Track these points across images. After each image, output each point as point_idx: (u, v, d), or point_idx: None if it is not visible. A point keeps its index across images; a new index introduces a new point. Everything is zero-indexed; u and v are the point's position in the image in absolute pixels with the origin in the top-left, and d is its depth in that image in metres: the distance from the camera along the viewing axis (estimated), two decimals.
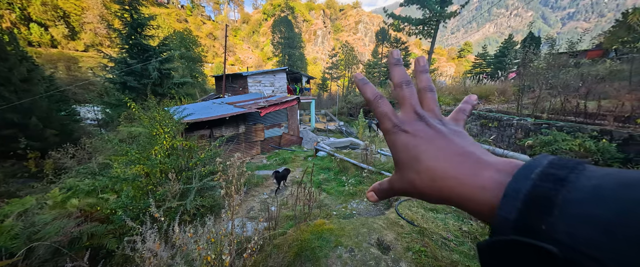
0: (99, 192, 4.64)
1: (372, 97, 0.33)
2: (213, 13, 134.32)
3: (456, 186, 0.25)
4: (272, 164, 8.42)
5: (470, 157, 0.27)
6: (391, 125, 0.31)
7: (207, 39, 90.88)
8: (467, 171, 0.25)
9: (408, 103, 0.32)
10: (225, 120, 8.59)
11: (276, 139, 10.98)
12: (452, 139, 0.29)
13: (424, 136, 0.29)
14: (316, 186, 5.97)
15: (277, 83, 15.49)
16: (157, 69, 12.67)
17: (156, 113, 4.09)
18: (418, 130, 0.30)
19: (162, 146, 4.00)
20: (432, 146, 0.28)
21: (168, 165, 4.10)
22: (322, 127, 18.14)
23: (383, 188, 0.34)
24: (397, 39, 38.02)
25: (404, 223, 3.33)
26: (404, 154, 0.30)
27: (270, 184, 6.24)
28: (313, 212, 4.42)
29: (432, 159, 0.27)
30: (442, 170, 0.26)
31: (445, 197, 0.26)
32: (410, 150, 0.29)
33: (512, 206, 0.20)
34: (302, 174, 4.44)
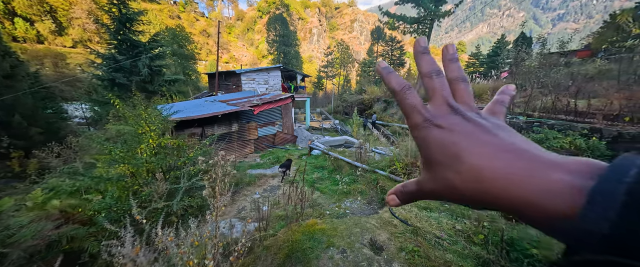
0: (82, 192, 4.44)
1: (398, 87, 0.29)
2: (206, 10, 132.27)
3: (509, 188, 0.22)
4: (265, 163, 8.29)
5: (524, 155, 0.23)
6: (421, 119, 0.27)
7: (200, 36, 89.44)
8: (522, 171, 0.22)
9: (439, 95, 0.29)
10: (218, 119, 8.40)
11: (270, 137, 10.84)
12: (497, 134, 0.25)
13: (463, 131, 0.26)
14: (310, 184, 5.89)
15: (271, 81, 15.29)
16: (147, 65, 12.32)
17: (142, 110, 3.93)
18: (454, 124, 0.26)
19: (148, 145, 3.85)
20: (474, 141, 0.25)
21: (155, 164, 3.95)
22: (317, 125, 18.04)
23: (408, 191, 0.30)
24: (392, 38, 38.20)
25: (398, 222, 3.29)
26: (438, 152, 0.26)
27: (263, 183, 6.13)
28: (306, 211, 4.34)
29: (477, 156, 0.24)
30: (491, 169, 0.23)
31: (493, 201, 0.23)
32: (447, 147, 0.25)
33: (602, 215, 0.17)
34: (295, 173, 4.35)
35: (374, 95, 23.44)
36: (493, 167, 0.23)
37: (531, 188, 0.21)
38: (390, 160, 5.17)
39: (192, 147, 4.66)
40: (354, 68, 56.57)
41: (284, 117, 11.30)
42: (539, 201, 0.20)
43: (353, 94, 28.74)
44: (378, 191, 4.88)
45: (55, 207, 3.87)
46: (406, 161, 4.64)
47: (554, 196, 0.20)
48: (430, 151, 0.27)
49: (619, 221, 0.16)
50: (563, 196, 0.19)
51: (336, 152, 7.44)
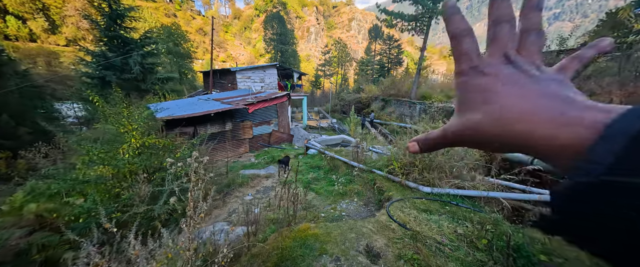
0: (63, 195, 4.18)
1: (456, 30, 0.27)
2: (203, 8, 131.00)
3: (533, 125, 0.22)
4: (260, 163, 8.06)
5: (560, 97, 0.23)
6: (468, 66, 0.26)
7: (197, 35, 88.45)
8: (551, 110, 0.22)
9: (500, 44, 0.26)
10: (210, 118, 8.15)
11: (265, 136, 10.59)
12: (546, 84, 0.24)
13: (508, 79, 0.25)
14: (305, 185, 5.67)
15: (267, 79, 15.02)
16: (139, 63, 11.99)
17: (123, 108, 3.69)
18: (502, 72, 0.25)
19: (130, 145, 3.61)
20: (513, 86, 0.24)
21: (138, 165, 3.71)
22: (315, 124, 17.83)
23: (432, 137, 0.29)
24: (390, 36, 38.02)
25: (396, 226, 3.08)
26: (474, 95, 0.26)
27: (256, 184, 5.91)
28: (299, 214, 4.13)
29: (510, 97, 0.24)
30: (519, 109, 0.23)
31: (513, 139, 0.23)
32: (483, 90, 0.25)
33: (613, 143, 0.18)
34: (288, 173, 4.13)
35: (371, 94, 23.34)
36: (523, 108, 0.22)
37: (555, 123, 0.21)
38: (388, 159, 4.97)
39: (179, 146, 4.42)
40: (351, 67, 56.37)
41: (279, 115, 11.05)
42: (558, 134, 0.20)
43: (351, 92, 28.62)
44: (375, 192, 4.68)
45: (32, 211, 3.62)
46: (404, 161, 4.44)
47: (573, 129, 0.20)
48: (466, 95, 0.26)
49: (629, 145, 0.17)
50: (584, 129, 0.20)
51: (332, 152, 7.23)
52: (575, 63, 0.28)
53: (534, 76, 0.24)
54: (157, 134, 5.95)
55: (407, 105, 18.35)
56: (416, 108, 17.49)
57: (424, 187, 4.01)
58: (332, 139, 9.98)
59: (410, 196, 3.93)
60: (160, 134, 7.44)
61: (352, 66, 53.97)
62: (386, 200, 4.18)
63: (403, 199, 3.88)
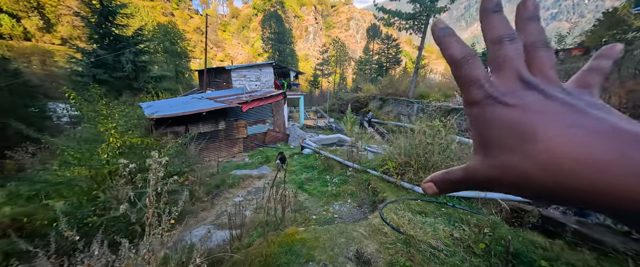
0: (42, 197, 3.97)
1: (459, 55, 0.23)
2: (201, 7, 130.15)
3: (596, 176, 0.17)
4: (253, 163, 7.87)
5: (611, 130, 0.19)
6: (482, 95, 0.22)
7: (194, 34, 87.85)
8: (610, 151, 0.18)
9: (509, 66, 0.22)
10: (202, 116, 7.94)
11: (260, 136, 10.39)
12: (588, 113, 0.20)
13: (541, 110, 0.20)
14: (298, 186, 5.50)
15: (263, 78, 14.81)
16: (131, 61, 11.72)
17: (102, 106, 3.48)
18: (529, 102, 0.21)
19: (108, 144, 3.40)
20: (554, 121, 0.20)
21: (118, 166, 3.51)
22: (312, 123, 17.65)
23: (453, 179, 0.25)
24: (388, 36, 37.96)
25: (389, 230, 2.92)
26: (503, 134, 0.21)
27: (247, 184, 5.72)
28: (290, 216, 3.95)
29: (557, 137, 0.19)
30: (571, 153, 0.18)
31: (568, 189, 0.18)
32: (516, 127, 0.21)
33: None
34: (285, 172, 3.95)
35: (369, 93, 23.26)
36: (577, 151, 0.18)
37: (623, 170, 0.16)
38: (382, 159, 4.81)
39: (164, 146, 4.22)
40: (350, 66, 56.25)
41: (275, 114, 10.86)
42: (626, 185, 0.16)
43: (349, 92, 28.53)
44: (369, 193, 4.51)
45: (5, 215, 3.41)
46: (399, 160, 4.27)
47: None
48: (491, 132, 0.21)
49: None
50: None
51: (327, 151, 7.06)
52: (596, 77, 0.24)
53: (568, 103, 0.20)
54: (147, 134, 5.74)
55: (405, 104, 18.24)
56: (414, 107, 17.39)
57: (420, 187, 3.85)
58: (327, 139, 9.81)
59: (405, 197, 3.76)
60: (150, 133, 7.23)
61: (350, 66, 53.85)
62: (380, 201, 4.02)
63: (397, 200, 3.71)
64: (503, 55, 0.22)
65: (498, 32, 0.23)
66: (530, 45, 0.23)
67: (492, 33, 0.23)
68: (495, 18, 0.23)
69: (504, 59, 0.22)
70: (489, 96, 0.21)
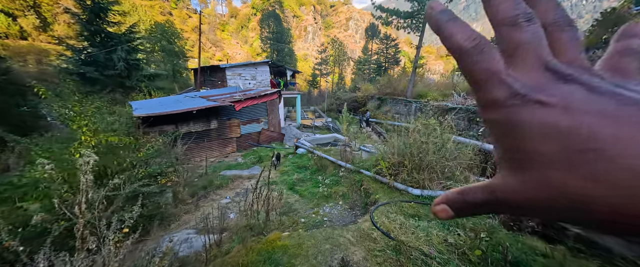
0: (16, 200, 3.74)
1: (467, 42, 0.18)
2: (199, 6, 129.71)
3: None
4: (245, 163, 7.66)
5: None
6: (507, 93, 0.17)
7: (193, 33, 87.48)
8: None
9: (531, 53, 0.18)
10: (193, 115, 7.72)
11: (254, 135, 10.19)
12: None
13: (593, 110, 0.15)
14: (289, 187, 5.29)
15: (259, 77, 14.60)
16: (123, 59, 11.48)
17: (75, 102, 3.27)
18: (573, 100, 0.16)
19: (81, 143, 3.19)
20: (623, 124, 0.15)
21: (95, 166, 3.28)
22: (309, 123, 17.46)
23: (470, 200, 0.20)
24: (387, 36, 37.82)
25: (379, 235, 2.71)
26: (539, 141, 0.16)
27: (236, 185, 5.50)
28: (277, 220, 3.74)
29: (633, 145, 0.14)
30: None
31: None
32: (560, 133, 0.16)
33: None
34: (260, 175, 3.74)
35: (367, 93, 23.14)
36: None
37: None
38: (376, 159, 4.61)
39: (144, 145, 4.01)
40: (349, 66, 56.07)
41: (269, 113, 10.65)
42: None
43: (347, 91, 28.45)
44: (362, 194, 4.31)
45: None
46: (392, 160, 4.08)
47: None
48: (523, 141, 0.17)
49: None
50: None
51: (321, 151, 6.86)
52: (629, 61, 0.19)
53: (622, 96, 0.16)
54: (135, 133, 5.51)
55: (403, 104, 18.10)
56: (412, 107, 17.25)
57: (413, 189, 3.65)
58: (323, 138, 9.61)
59: (398, 199, 3.56)
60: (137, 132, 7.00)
61: (349, 66, 53.70)
62: (372, 203, 3.82)
63: (390, 202, 3.51)
64: (520, 40, 0.17)
65: (511, 11, 0.17)
66: (551, 26, 0.18)
67: (502, 12, 0.18)
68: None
69: (522, 45, 0.17)
70: (516, 94, 0.17)
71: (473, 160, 3.77)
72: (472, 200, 0.20)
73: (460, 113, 10.83)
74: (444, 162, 3.63)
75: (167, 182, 4.18)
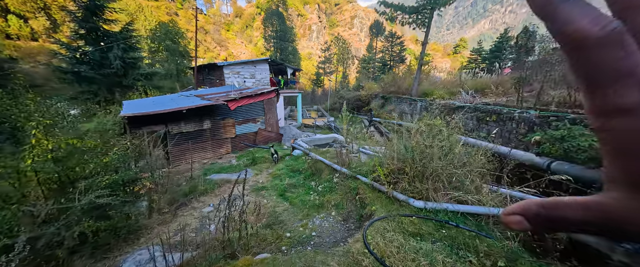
0: None
1: (595, 30, 0.14)
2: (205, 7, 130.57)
3: None
4: (239, 166, 7.25)
5: None
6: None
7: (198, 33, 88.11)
8: None
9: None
10: (184, 115, 7.36)
11: (250, 136, 9.79)
12: None
13: None
14: (279, 193, 4.85)
15: (258, 75, 14.23)
16: (119, 57, 11.25)
17: (29, 100, 2.89)
18: None
19: (33, 146, 2.80)
20: None
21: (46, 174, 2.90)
22: (311, 123, 17.01)
23: (564, 216, 0.16)
24: (392, 34, 37.02)
25: (371, 262, 2.23)
26: None
27: (224, 190, 5.08)
28: (261, 234, 3.29)
29: None
30: None
31: None
32: None
33: None
34: (234, 185, 3.30)
35: (371, 92, 22.64)
36: None
37: None
38: (375, 164, 4.11)
39: (111, 148, 3.61)
40: (353, 65, 55.29)
41: (267, 113, 10.23)
42: None
43: (350, 90, 27.95)
44: (357, 204, 3.82)
45: None
46: (392, 166, 3.57)
47: None
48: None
49: None
50: None
51: (317, 153, 6.38)
52: None
53: None
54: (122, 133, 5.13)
55: (408, 102, 17.50)
56: (417, 105, 16.63)
57: (415, 200, 3.14)
58: (321, 139, 9.14)
59: (397, 212, 3.06)
60: (124, 133, 6.67)
61: (353, 64, 52.97)
62: (368, 216, 3.32)
63: (387, 216, 3.01)
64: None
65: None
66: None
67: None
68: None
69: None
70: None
71: (485, 167, 3.23)
72: (566, 216, 0.16)
73: (468, 112, 10.19)
74: (451, 169, 3.10)
75: (140, 190, 3.80)
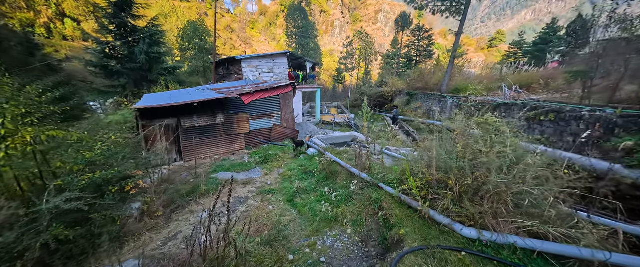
0: None
1: None
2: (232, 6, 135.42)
3: None
4: (250, 163, 6.78)
5: None
6: None
7: (225, 32, 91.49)
8: None
9: None
10: (196, 109, 7.07)
11: (265, 131, 9.34)
12: None
13: None
14: (288, 199, 4.21)
15: (276, 69, 13.79)
16: (144, 52, 11.52)
17: (5, 84, 2.56)
18: None
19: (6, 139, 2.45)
20: None
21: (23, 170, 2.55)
22: (330, 119, 16.26)
23: None
24: (419, 27, 34.47)
25: None
26: None
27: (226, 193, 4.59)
28: (259, 252, 2.68)
29: None
30: None
31: None
32: None
33: None
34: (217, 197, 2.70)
35: (395, 88, 21.23)
36: None
37: None
38: (403, 171, 3.26)
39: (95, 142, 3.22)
40: (376, 61, 53.20)
41: (283, 108, 9.70)
42: None
43: (373, 86, 26.66)
44: (380, 222, 3.01)
45: None
46: (428, 177, 2.71)
47: None
48: None
49: None
50: None
51: (333, 153, 5.63)
52: None
53: None
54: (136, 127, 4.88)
55: (437, 99, 15.93)
56: (447, 102, 15.05)
57: (464, 227, 2.27)
58: (339, 137, 8.35)
59: (438, 244, 2.22)
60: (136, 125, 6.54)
61: (376, 60, 50.95)
62: (395, 242, 2.52)
63: (424, 248, 2.19)
64: None
65: None
66: None
67: None
68: None
69: None
70: None
71: (573, 186, 2.21)
72: None
73: (514, 110, 8.67)
74: (521, 187, 2.17)
75: (131, 190, 3.41)
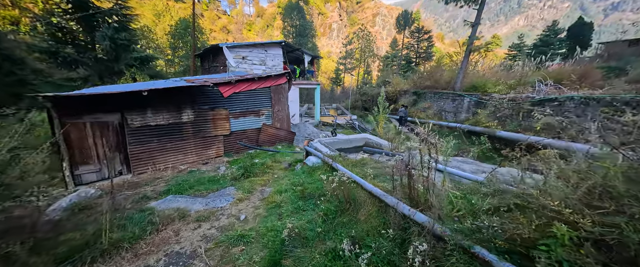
0: None
1: None
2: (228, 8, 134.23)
3: None
4: (224, 177, 4.76)
5: None
6: None
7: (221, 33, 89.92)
8: None
9: None
10: (150, 101, 5.03)
11: (252, 133, 7.35)
12: None
13: None
14: (270, 256, 2.23)
15: (270, 61, 11.90)
16: (108, 37, 9.49)
17: None
18: None
19: None
20: None
21: None
22: (330, 120, 14.39)
23: None
24: (418, 28, 33.72)
25: None
26: None
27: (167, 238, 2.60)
28: None
29: None
30: None
31: None
32: None
33: None
34: None
35: (399, 88, 19.73)
36: None
37: None
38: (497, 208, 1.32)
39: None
40: (374, 63, 52.42)
41: (274, 104, 7.72)
42: None
43: (374, 87, 25.45)
44: None
45: None
46: (585, 224, 0.78)
47: None
48: None
49: None
50: None
51: (349, 166, 3.66)
52: None
53: None
54: None
55: (450, 98, 14.21)
56: (463, 102, 13.32)
57: None
58: (349, 141, 6.39)
59: None
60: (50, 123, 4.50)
61: (375, 63, 50.24)
62: None
63: None
64: None
65: None
66: None
67: None
68: None
69: None
70: None
71: None
72: None
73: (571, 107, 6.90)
74: None
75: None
